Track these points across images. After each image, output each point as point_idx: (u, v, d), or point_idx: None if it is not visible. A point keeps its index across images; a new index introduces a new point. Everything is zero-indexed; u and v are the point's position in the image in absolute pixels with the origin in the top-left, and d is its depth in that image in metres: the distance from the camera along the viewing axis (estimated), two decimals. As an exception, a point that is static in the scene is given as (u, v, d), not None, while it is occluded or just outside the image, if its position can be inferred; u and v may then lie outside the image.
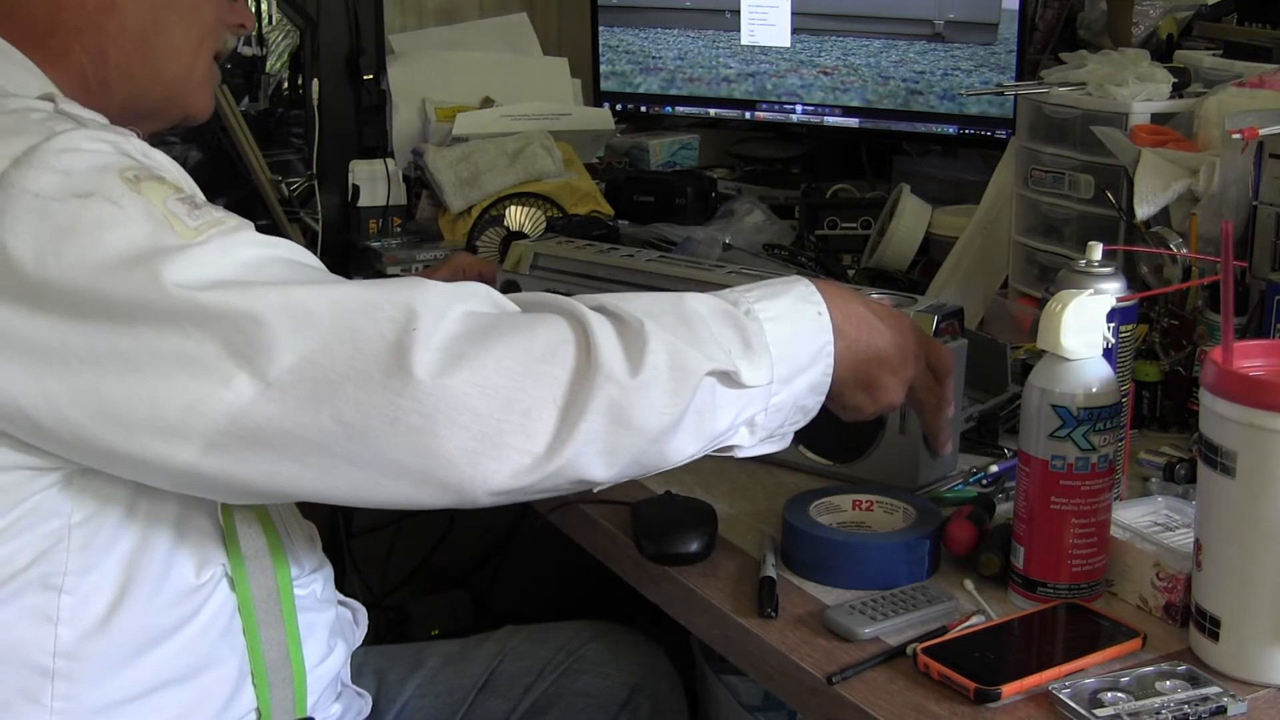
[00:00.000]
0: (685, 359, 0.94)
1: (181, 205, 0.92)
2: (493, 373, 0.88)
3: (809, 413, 1.07)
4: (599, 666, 1.45)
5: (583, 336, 0.92)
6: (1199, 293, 1.40)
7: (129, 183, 0.91)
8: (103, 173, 0.91)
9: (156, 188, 0.92)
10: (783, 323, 1.02)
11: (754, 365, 0.99)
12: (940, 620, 1.06)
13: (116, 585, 0.98)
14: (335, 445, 0.88)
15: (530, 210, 1.93)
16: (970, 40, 2.14)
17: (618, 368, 0.91)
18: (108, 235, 0.88)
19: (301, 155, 2.17)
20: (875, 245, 1.95)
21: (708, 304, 1.00)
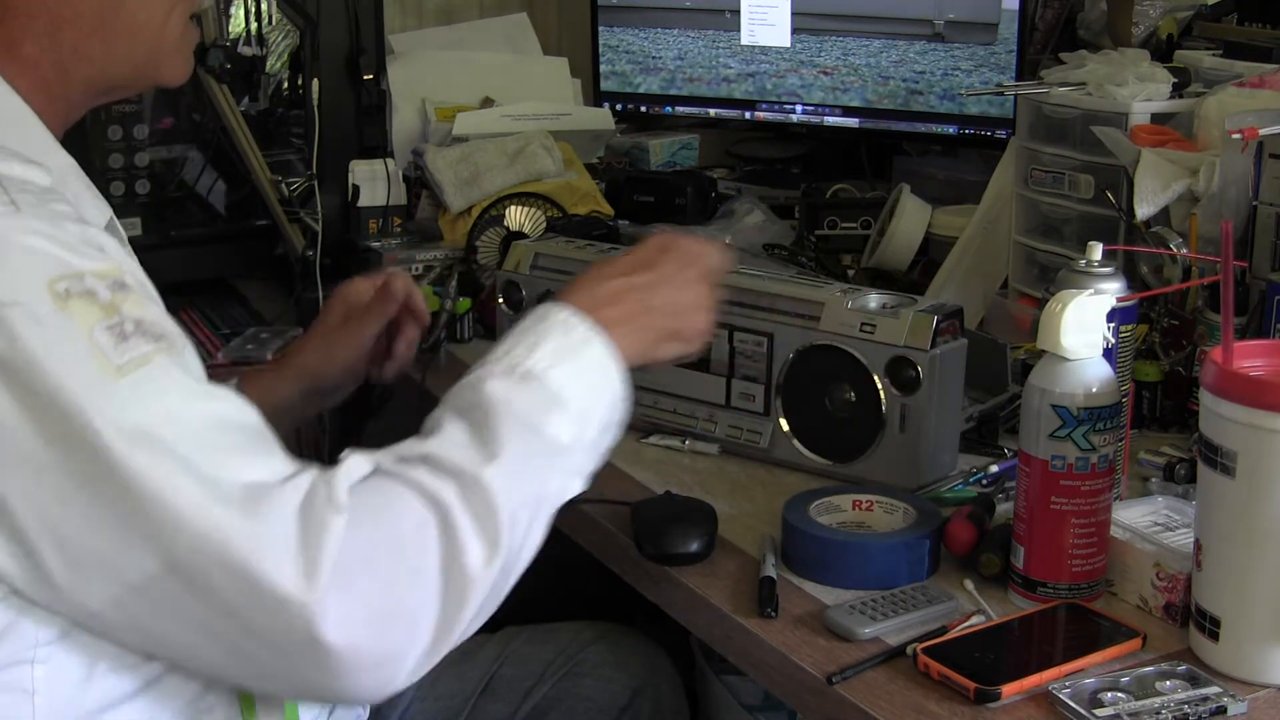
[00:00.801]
0: (540, 509, 0.95)
1: (108, 335, 0.84)
2: (375, 599, 0.85)
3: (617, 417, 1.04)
4: (599, 670, 1.44)
5: (441, 523, 0.88)
6: (1199, 293, 1.40)
7: (57, 298, 0.84)
8: (31, 281, 0.83)
9: (85, 311, 0.84)
10: (572, 374, 0.99)
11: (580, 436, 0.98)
12: (940, 620, 1.06)
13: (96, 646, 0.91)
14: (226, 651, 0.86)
15: (530, 210, 1.93)
16: (970, 40, 2.14)
17: (480, 564, 0.89)
18: (23, 354, 0.82)
19: (301, 155, 2.17)
20: (875, 245, 1.95)
21: (514, 404, 0.95)
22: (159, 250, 2.02)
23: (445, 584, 0.87)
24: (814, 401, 1.34)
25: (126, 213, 1.97)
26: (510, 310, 1.55)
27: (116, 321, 0.85)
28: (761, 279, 1.41)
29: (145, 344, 0.85)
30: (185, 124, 2.14)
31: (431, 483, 0.88)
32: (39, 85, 1.01)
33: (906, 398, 1.28)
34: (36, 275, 0.84)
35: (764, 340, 1.37)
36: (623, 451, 1.42)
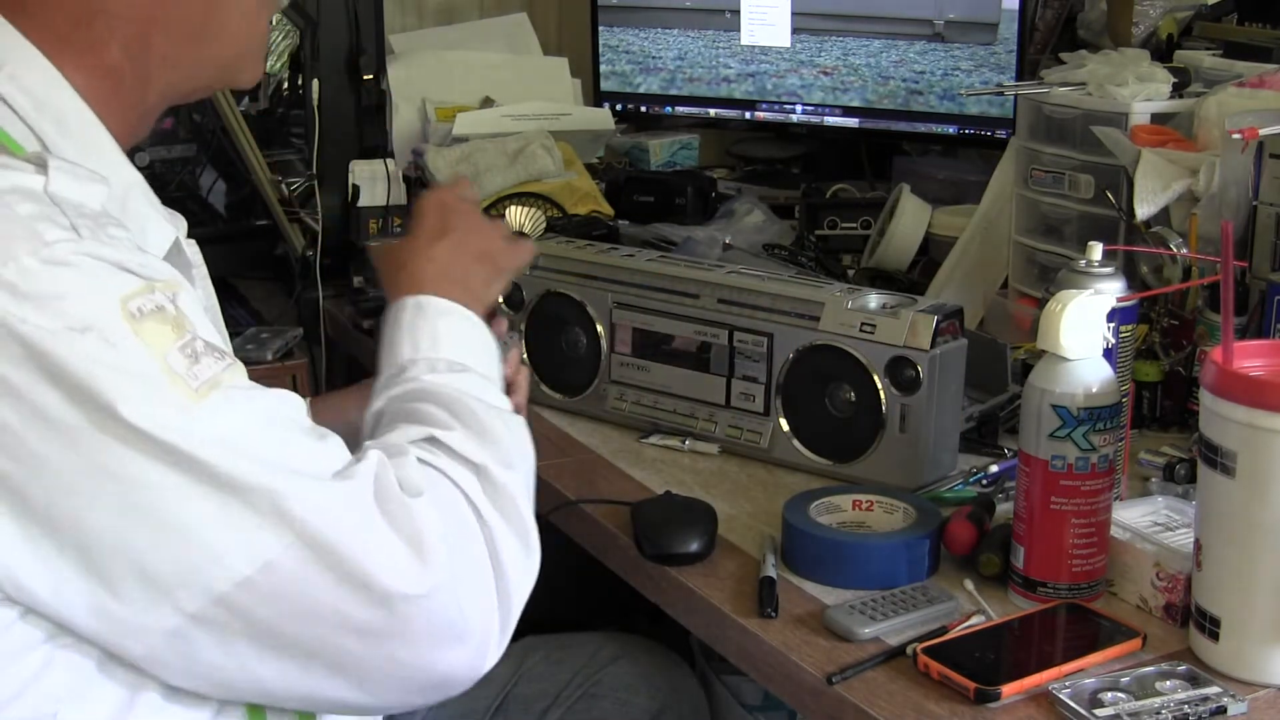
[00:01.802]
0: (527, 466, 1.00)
1: (182, 358, 0.83)
2: (459, 580, 0.88)
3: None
4: (618, 692, 1.39)
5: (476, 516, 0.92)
6: (1199, 293, 1.40)
7: (131, 320, 0.82)
8: (102, 304, 0.81)
9: (159, 334, 0.83)
10: (480, 353, 1.07)
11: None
12: (940, 620, 1.06)
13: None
14: (315, 653, 0.86)
15: (530, 210, 1.93)
16: (970, 40, 2.14)
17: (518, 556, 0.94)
18: (100, 382, 0.80)
19: (301, 155, 2.17)
20: (875, 245, 1.95)
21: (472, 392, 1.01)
22: (159, 250, 2.02)
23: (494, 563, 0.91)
24: (814, 401, 1.34)
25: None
26: (510, 310, 1.55)
27: (188, 340, 0.84)
28: (761, 279, 1.41)
29: (215, 363, 0.85)
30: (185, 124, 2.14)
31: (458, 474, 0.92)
32: (116, 93, 0.96)
33: (906, 398, 1.28)
34: (109, 296, 0.82)
35: (764, 340, 1.37)
36: (623, 451, 1.43)
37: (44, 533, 0.81)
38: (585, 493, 1.33)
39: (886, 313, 1.30)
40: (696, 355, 1.42)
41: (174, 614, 0.83)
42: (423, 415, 0.96)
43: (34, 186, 0.83)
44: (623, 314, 1.47)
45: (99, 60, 0.94)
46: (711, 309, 1.41)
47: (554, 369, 1.53)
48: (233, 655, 0.85)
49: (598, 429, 1.49)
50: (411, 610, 0.86)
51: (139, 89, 0.97)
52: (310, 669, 0.87)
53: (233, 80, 1.06)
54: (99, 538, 0.81)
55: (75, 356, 0.80)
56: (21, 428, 0.80)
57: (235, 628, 0.84)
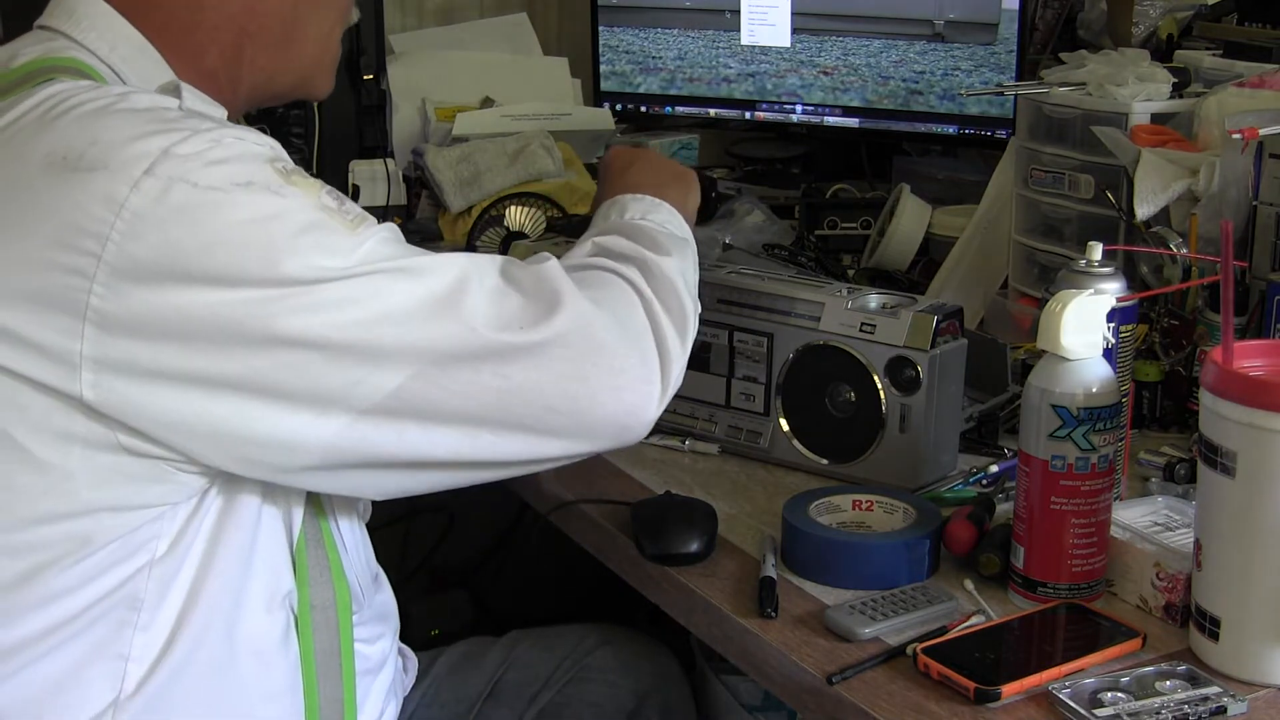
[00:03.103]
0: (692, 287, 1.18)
1: (331, 199, 0.95)
2: (609, 316, 1.03)
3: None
4: (606, 675, 1.43)
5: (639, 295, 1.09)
6: (1199, 293, 1.40)
7: (282, 174, 0.94)
8: (257, 164, 0.93)
9: (307, 182, 0.95)
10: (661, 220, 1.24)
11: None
12: (940, 620, 1.06)
13: (187, 621, 0.97)
14: (492, 409, 0.97)
15: (530, 210, 1.93)
16: (970, 40, 2.14)
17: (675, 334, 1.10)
18: (275, 224, 0.91)
19: (301, 155, 2.17)
20: (875, 245, 1.95)
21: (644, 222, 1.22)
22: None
23: (653, 326, 1.07)
24: (814, 401, 1.34)
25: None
26: (510, 310, 1.55)
27: (328, 190, 0.96)
28: (761, 279, 1.41)
29: (353, 207, 0.97)
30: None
31: (623, 269, 1.10)
32: (212, 93, 1.04)
33: (906, 398, 1.28)
34: (259, 159, 0.93)
35: (764, 340, 1.37)
36: (623, 451, 1.42)
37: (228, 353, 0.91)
38: (585, 493, 1.33)
39: (886, 313, 1.30)
40: (696, 355, 1.42)
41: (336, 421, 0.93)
42: (608, 238, 1.14)
43: (171, 104, 0.96)
44: (623, 314, 1.47)
45: (201, 64, 1.08)
46: (711, 309, 1.41)
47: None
48: (405, 441, 0.95)
49: (598, 429, 1.48)
50: (555, 343, 0.98)
51: (230, 91, 1.10)
52: (480, 433, 0.97)
53: (309, 90, 1.19)
54: (268, 360, 0.91)
55: (247, 208, 0.90)
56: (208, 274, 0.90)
57: (406, 415, 0.95)
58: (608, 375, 1.00)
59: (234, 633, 0.99)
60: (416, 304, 0.94)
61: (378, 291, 0.92)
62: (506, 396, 0.96)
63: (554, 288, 1.00)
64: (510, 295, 0.98)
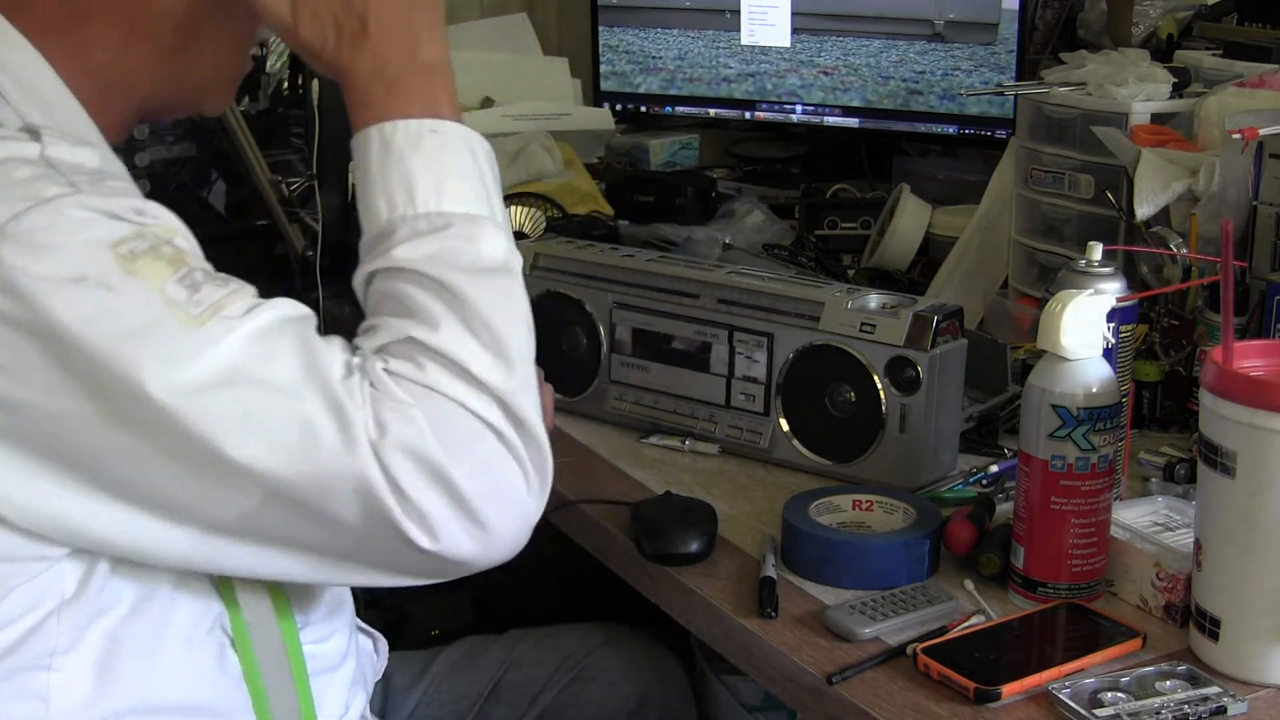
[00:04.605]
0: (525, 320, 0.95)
1: (181, 288, 0.84)
2: (470, 479, 0.86)
3: None
4: (607, 675, 1.42)
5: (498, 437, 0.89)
6: (1199, 293, 1.40)
7: (124, 261, 0.83)
8: (96, 251, 0.83)
9: (154, 269, 0.84)
10: (456, 186, 0.94)
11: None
12: (940, 620, 1.06)
13: (108, 656, 0.90)
14: (338, 549, 0.87)
15: (530, 210, 1.93)
16: (970, 40, 2.14)
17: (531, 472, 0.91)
18: (102, 326, 0.81)
19: (301, 155, 2.17)
20: (875, 245, 1.95)
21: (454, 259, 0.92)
22: (159, 250, 2.02)
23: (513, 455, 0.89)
24: (814, 401, 1.34)
25: (126, 213, 1.96)
26: (510, 310, 1.55)
27: (185, 272, 0.85)
28: (761, 279, 1.41)
29: (217, 289, 0.85)
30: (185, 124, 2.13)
31: (472, 400, 0.87)
32: (102, 94, 0.98)
33: (906, 398, 1.28)
34: (99, 244, 0.83)
35: (764, 340, 1.37)
36: (623, 451, 1.43)
37: (57, 465, 0.83)
38: (585, 493, 1.33)
39: (886, 313, 1.30)
40: (696, 355, 1.42)
41: (187, 534, 0.85)
42: (405, 304, 0.91)
43: (30, 154, 0.86)
44: (623, 314, 1.47)
45: (87, 60, 0.97)
46: (711, 309, 1.41)
47: (554, 369, 1.52)
48: (258, 559, 0.87)
49: (598, 429, 1.48)
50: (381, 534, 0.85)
51: (121, 95, 1.00)
52: (320, 567, 0.89)
53: (199, 106, 1.08)
54: (113, 469, 0.83)
55: (73, 306, 0.81)
56: (24, 374, 0.81)
57: (250, 539, 0.86)
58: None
59: (161, 665, 0.93)
60: (263, 430, 0.83)
61: (205, 415, 0.82)
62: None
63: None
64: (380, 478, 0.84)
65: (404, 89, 0.96)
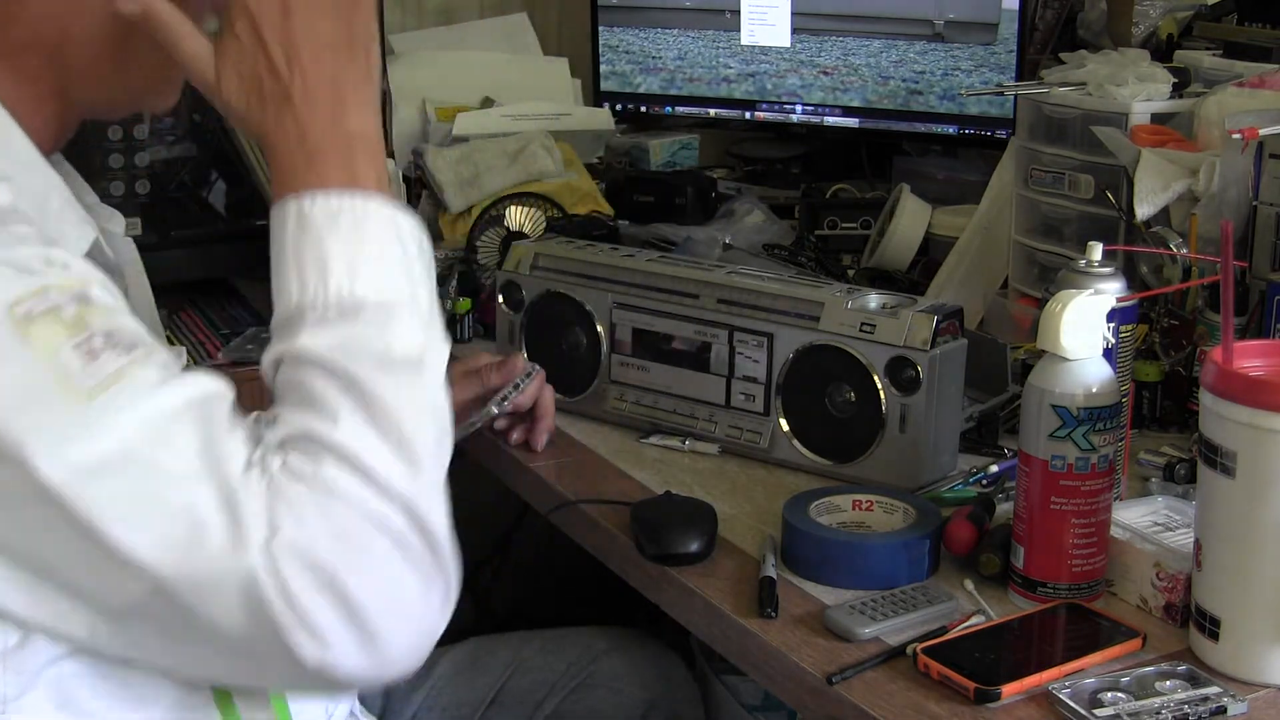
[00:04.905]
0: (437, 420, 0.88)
1: (77, 356, 0.78)
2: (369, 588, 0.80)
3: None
4: (613, 682, 1.41)
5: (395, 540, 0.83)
6: (1199, 293, 1.40)
7: (17, 325, 0.78)
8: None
9: (48, 334, 0.78)
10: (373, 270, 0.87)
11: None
12: (940, 620, 1.06)
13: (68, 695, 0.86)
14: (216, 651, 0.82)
15: (530, 210, 1.93)
16: (970, 40, 2.14)
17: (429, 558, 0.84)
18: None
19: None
20: (875, 245, 1.95)
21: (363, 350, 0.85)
22: (159, 250, 2.02)
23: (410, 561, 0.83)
24: (814, 401, 1.34)
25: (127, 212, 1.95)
26: (510, 310, 1.55)
27: (85, 338, 0.79)
28: (761, 279, 1.41)
29: (118, 358, 0.80)
30: (185, 124, 2.14)
31: (371, 502, 0.82)
32: (35, 98, 0.93)
33: (906, 398, 1.28)
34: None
35: (764, 340, 1.37)
36: (623, 451, 1.43)
37: None
38: (585, 493, 1.33)
39: (886, 313, 1.30)
40: (696, 355, 1.42)
41: (87, 614, 0.81)
42: (307, 396, 0.84)
43: None
44: (623, 314, 1.47)
45: (19, 64, 0.92)
46: (711, 309, 1.41)
47: (554, 369, 1.53)
48: (146, 650, 0.83)
49: (598, 429, 1.49)
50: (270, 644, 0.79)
51: (59, 100, 0.95)
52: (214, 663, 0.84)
53: (144, 105, 1.03)
54: (11, 534, 0.79)
55: None
56: None
57: (139, 631, 0.82)
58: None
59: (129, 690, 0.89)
60: (150, 521, 0.78)
61: (92, 499, 0.77)
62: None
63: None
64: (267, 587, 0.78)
65: (325, 159, 0.89)
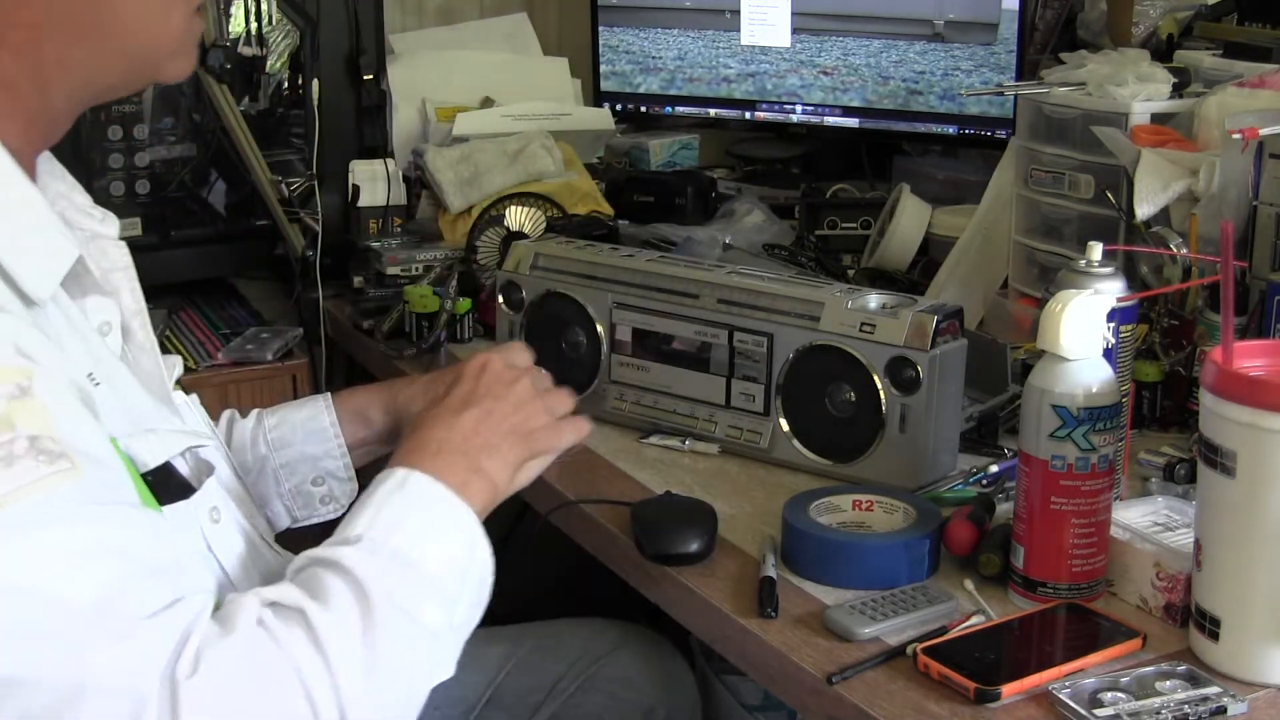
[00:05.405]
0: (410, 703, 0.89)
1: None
2: None
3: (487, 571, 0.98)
4: (612, 685, 1.40)
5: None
6: (1199, 293, 1.40)
7: None
8: None
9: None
10: (441, 553, 0.92)
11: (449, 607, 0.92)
12: (940, 620, 1.06)
13: None
14: None
15: (530, 210, 1.93)
16: (970, 40, 2.14)
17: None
18: None
19: (301, 155, 2.17)
20: (875, 245, 1.96)
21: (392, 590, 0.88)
22: (159, 250, 2.02)
23: None
24: (814, 401, 1.34)
25: (126, 213, 1.97)
26: (510, 310, 1.55)
27: (6, 440, 0.76)
28: (761, 279, 1.41)
29: (38, 467, 0.76)
30: (185, 124, 2.14)
31: (313, 669, 0.82)
32: (14, 106, 0.91)
33: (906, 398, 1.28)
34: None
35: (764, 340, 1.37)
36: (623, 451, 1.43)
37: None
38: (585, 493, 1.33)
39: (886, 313, 1.30)
40: (696, 355, 1.42)
41: None
42: (318, 586, 0.87)
43: None
44: (623, 314, 1.47)
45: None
46: (711, 309, 1.41)
47: (554, 369, 1.52)
48: None
49: (598, 429, 1.47)
50: None
51: (39, 96, 0.92)
52: None
53: (153, 75, 0.99)
54: None
55: None
56: None
57: None
58: None
59: None
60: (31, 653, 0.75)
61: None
62: None
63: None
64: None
65: (451, 463, 0.98)
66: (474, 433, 1.02)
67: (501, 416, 1.04)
